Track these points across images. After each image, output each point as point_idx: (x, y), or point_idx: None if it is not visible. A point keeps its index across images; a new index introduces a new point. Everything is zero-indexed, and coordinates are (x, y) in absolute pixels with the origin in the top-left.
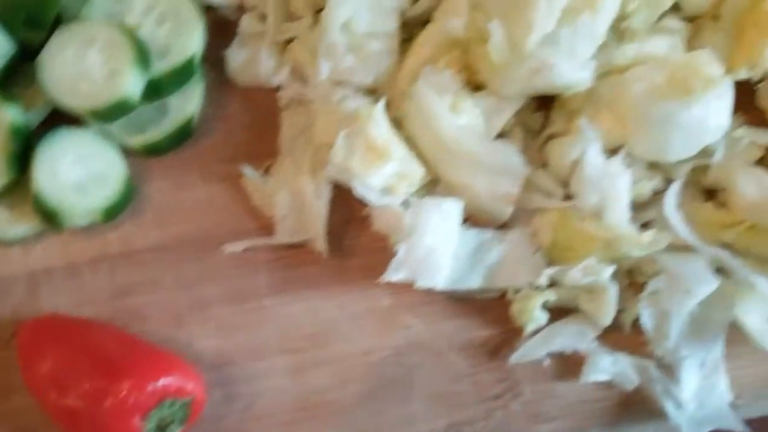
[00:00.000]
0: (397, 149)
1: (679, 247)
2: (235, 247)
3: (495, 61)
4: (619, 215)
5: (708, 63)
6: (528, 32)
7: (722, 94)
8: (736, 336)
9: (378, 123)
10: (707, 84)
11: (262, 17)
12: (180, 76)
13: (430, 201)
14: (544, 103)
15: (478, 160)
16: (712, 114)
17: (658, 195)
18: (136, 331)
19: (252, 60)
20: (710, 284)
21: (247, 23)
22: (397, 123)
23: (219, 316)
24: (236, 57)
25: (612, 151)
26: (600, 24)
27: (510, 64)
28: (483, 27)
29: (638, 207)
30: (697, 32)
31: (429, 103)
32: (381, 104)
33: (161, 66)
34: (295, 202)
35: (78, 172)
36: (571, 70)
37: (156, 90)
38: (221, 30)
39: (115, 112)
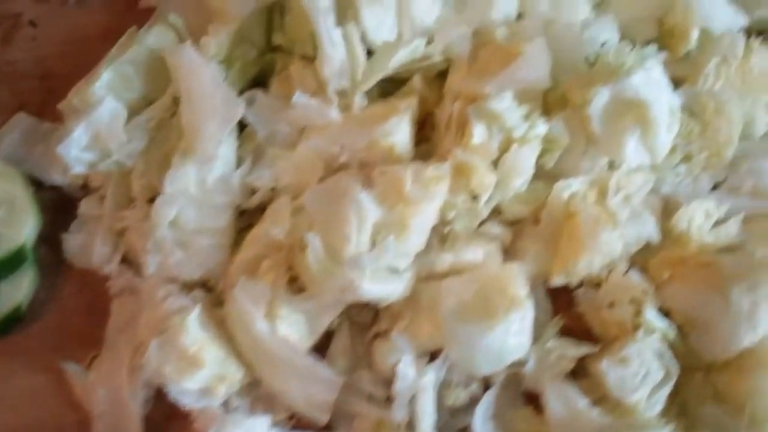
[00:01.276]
0: (215, 352)
1: None
2: None
3: (313, 270)
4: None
5: (515, 280)
6: (344, 244)
7: (524, 315)
8: None
9: (190, 333)
10: (510, 305)
11: (104, 200)
12: (9, 264)
13: (235, 418)
14: None
15: (294, 369)
16: (512, 336)
17: (476, 400)
18: None
19: (87, 244)
20: None
21: (86, 206)
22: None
23: None
24: (73, 240)
25: (434, 354)
26: (412, 241)
27: (327, 273)
28: (303, 234)
29: (456, 412)
30: (518, 236)
31: (245, 311)
32: (195, 313)
33: None
34: (113, 399)
35: None
36: (378, 289)
37: None
38: (65, 209)
39: None
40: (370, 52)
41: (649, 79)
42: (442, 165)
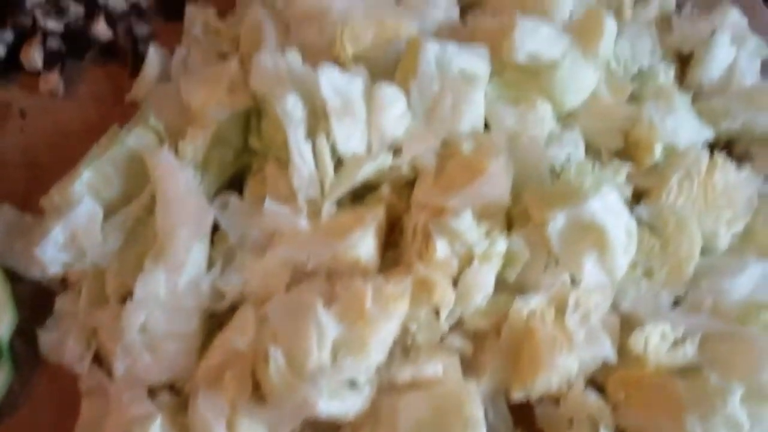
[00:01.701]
0: None
1: None
2: None
3: (273, 383)
4: None
5: (471, 399)
6: (305, 359)
7: None
8: None
9: None
10: (464, 427)
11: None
12: None
13: None
14: None
15: None
16: None
17: None
18: None
19: (62, 341)
20: None
21: (61, 303)
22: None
23: None
24: (48, 336)
25: None
26: (372, 357)
27: (288, 386)
28: (267, 345)
29: None
30: (479, 348)
31: (206, 422)
32: (156, 423)
33: None
34: None
35: None
36: (336, 406)
37: None
38: (43, 302)
39: None
40: (340, 160)
41: (606, 204)
42: (402, 281)
